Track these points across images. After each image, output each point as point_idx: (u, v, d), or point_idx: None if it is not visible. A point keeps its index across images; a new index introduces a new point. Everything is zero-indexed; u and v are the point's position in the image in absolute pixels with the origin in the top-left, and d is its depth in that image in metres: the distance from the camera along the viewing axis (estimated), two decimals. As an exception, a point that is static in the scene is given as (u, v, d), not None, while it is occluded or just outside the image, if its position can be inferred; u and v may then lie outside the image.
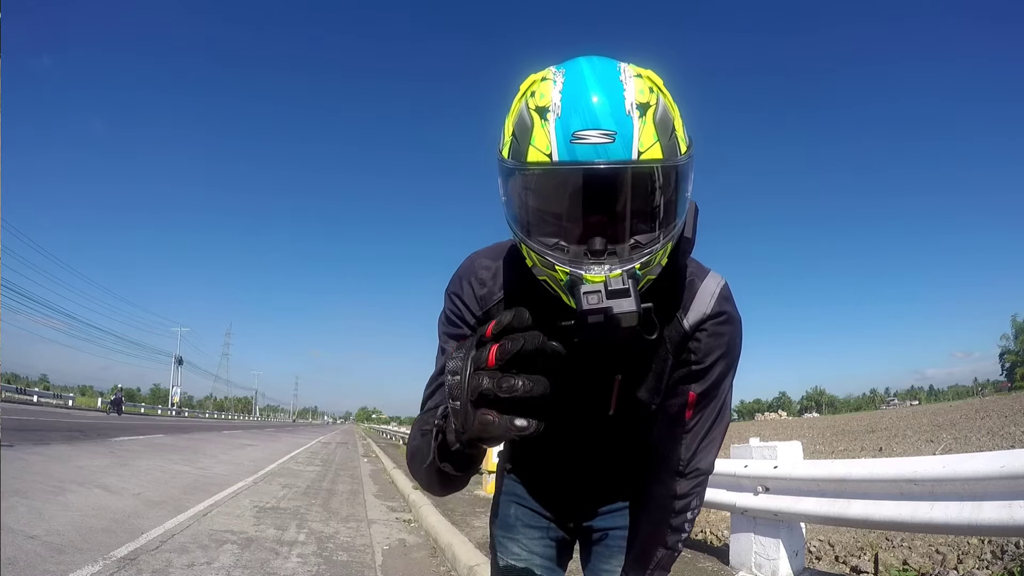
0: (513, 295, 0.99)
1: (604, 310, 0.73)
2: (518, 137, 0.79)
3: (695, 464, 1.01)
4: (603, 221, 0.78)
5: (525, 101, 0.80)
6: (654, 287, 0.88)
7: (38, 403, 29.73)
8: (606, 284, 0.74)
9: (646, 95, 0.77)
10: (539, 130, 0.77)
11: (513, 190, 0.82)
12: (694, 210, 0.88)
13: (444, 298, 1.06)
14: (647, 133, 0.75)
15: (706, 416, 1.00)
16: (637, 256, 0.78)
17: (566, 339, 0.83)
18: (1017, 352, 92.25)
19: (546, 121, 0.76)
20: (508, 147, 0.81)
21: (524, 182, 0.81)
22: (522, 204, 0.82)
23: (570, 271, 0.77)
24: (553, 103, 0.76)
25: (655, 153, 0.75)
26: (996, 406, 30.99)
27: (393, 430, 33.30)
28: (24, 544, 3.58)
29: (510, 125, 0.82)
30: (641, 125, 0.75)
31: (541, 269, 0.82)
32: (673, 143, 0.78)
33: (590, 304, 0.73)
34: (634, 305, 0.73)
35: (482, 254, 1.05)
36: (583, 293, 0.74)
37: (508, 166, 0.81)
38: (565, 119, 0.75)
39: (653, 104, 0.77)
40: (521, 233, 0.83)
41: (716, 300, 0.97)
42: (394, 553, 4.42)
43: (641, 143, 0.75)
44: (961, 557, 3.89)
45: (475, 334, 0.69)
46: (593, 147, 0.74)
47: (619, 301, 0.73)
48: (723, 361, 0.98)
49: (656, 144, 0.76)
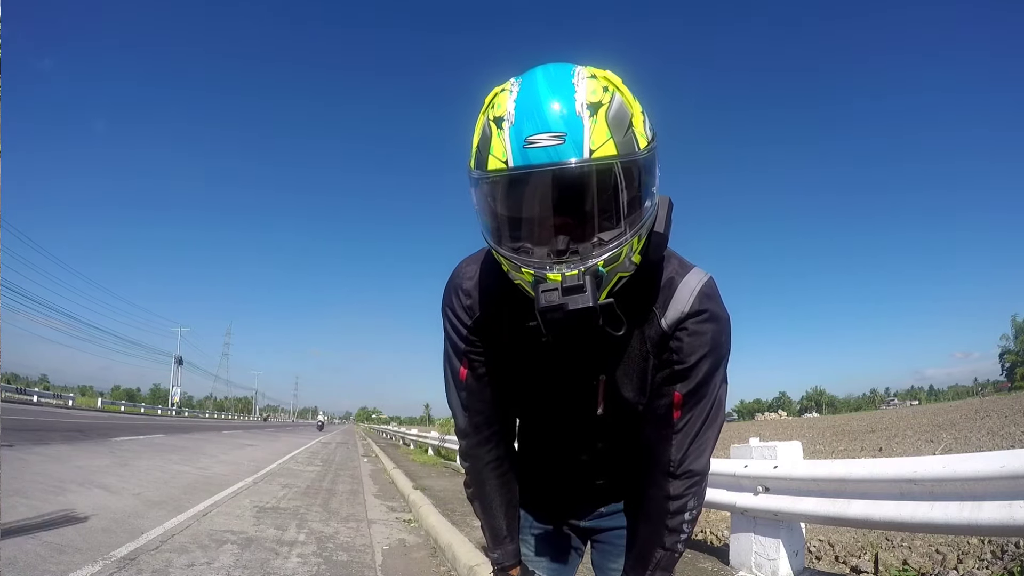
0: (494, 303, 1.02)
1: (560, 306, 0.78)
2: (480, 148, 0.83)
3: (687, 465, 1.00)
4: (565, 222, 0.82)
5: (487, 113, 0.84)
6: (629, 284, 0.90)
7: (38, 403, 29.70)
8: (563, 281, 0.79)
9: (599, 94, 0.80)
10: (496, 139, 0.81)
11: (479, 199, 0.87)
12: (667, 205, 0.89)
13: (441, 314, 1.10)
14: (599, 131, 0.78)
15: (696, 416, 0.99)
16: (600, 253, 0.81)
17: (537, 339, 0.89)
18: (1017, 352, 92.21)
19: (502, 130, 0.80)
20: (473, 159, 0.85)
21: (487, 190, 0.85)
22: (488, 212, 0.86)
23: (534, 272, 0.81)
24: (508, 112, 0.80)
25: (608, 150, 0.78)
26: (996, 406, 30.98)
27: (393, 430, 33.30)
28: (24, 544, 3.58)
29: (475, 138, 0.86)
30: (592, 124, 0.78)
31: (514, 274, 0.86)
32: (630, 139, 0.81)
33: (547, 302, 0.79)
34: (590, 300, 0.78)
35: (465, 262, 1.08)
36: (540, 291, 0.80)
37: (473, 176, 0.85)
38: (518, 126, 0.79)
39: (606, 103, 0.80)
40: (492, 241, 0.87)
41: (696, 297, 0.96)
42: (394, 553, 4.42)
43: (592, 141, 0.78)
44: (961, 557, 3.88)
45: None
46: (544, 150, 0.77)
47: (574, 297, 0.78)
48: (708, 360, 0.96)
49: (609, 141, 0.79)
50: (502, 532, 1.15)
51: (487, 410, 1.09)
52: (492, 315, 1.02)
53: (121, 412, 39.21)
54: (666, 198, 0.89)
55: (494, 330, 1.03)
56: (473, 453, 1.12)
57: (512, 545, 1.16)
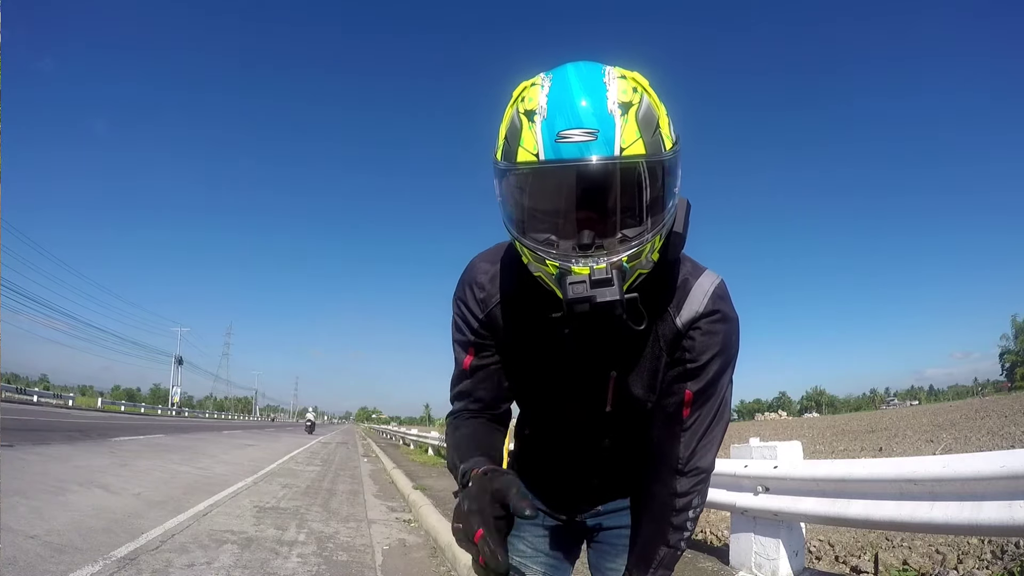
0: (510, 296, 1.03)
1: (588, 298, 0.79)
2: (509, 140, 0.84)
3: (695, 463, 1.01)
4: (591, 216, 0.83)
5: (516, 106, 0.85)
6: (646, 282, 0.91)
7: (38, 403, 29.71)
8: (591, 275, 0.80)
9: (629, 95, 0.82)
10: (527, 132, 0.82)
11: (506, 190, 0.88)
12: (686, 206, 0.91)
13: (451, 304, 1.11)
14: (629, 130, 0.80)
15: (704, 414, 1.01)
16: (624, 249, 0.82)
17: (559, 331, 0.91)
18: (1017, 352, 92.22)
19: (533, 123, 0.81)
20: (501, 150, 0.86)
21: (514, 182, 0.86)
22: (515, 203, 0.87)
23: (559, 264, 0.82)
24: (540, 106, 0.82)
25: (637, 149, 0.80)
26: (996, 406, 30.98)
27: (393, 430, 33.31)
28: (24, 544, 3.58)
29: (503, 130, 0.87)
30: (623, 123, 0.80)
31: (535, 265, 0.87)
32: (657, 139, 0.82)
33: (575, 293, 0.80)
34: (617, 293, 0.79)
35: (481, 258, 1.09)
36: (568, 284, 0.81)
37: (500, 167, 0.86)
38: (551, 120, 0.80)
39: (636, 103, 0.82)
40: (515, 232, 0.88)
41: (710, 298, 0.98)
42: (394, 553, 4.43)
43: (623, 139, 0.79)
44: (961, 557, 3.89)
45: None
46: (576, 145, 0.79)
47: (602, 290, 0.80)
48: (719, 359, 0.99)
49: (639, 140, 0.80)
50: (471, 452, 0.99)
51: (486, 398, 1.10)
52: (507, 309, 1.04)
53: (121, 412, 39.22)
54: (684, 200, 0.91)
55: (507, 324, 1.04)
56: (459, 415, 1.11)
57: (482, 459, 0.97)
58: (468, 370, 1.09)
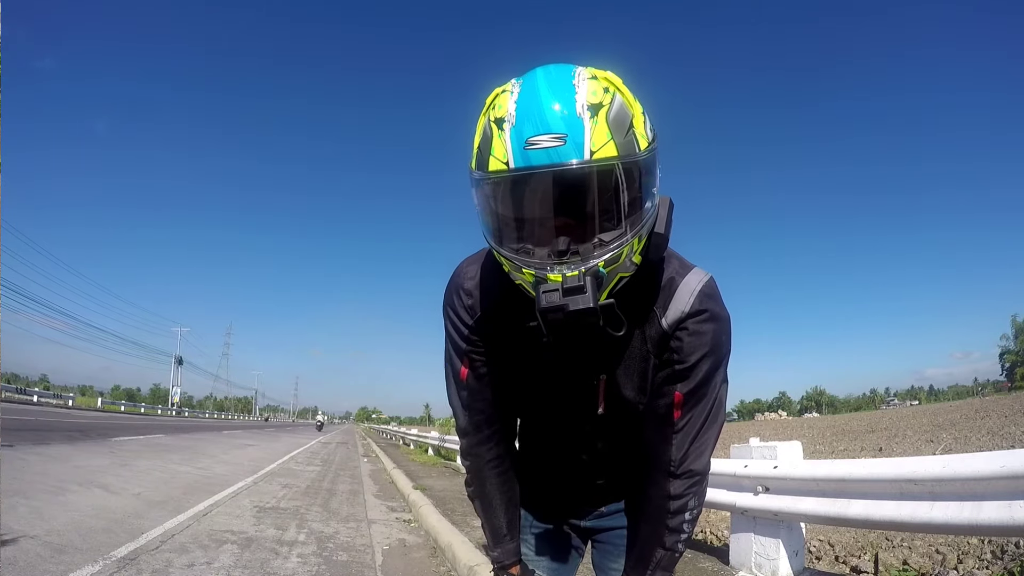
0: (495, 303, 1.02)
1: (561, 307, 0.79)
2: (481, 149, 0.84)
3: (687, 465, 1.00)
4: (565, 222, 0.82)
5: (488, 114, 0.84)
6: (630, 283, 0.90)
7: (38, 403, 29.71)
8: (563, 282, 0.80)
9: (599, 95, 0.81)
10: (497, 140, 0.81)
11: (480, 200, 0.87)
12: (668, 205, 0.90)
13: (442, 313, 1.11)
14: (599, 132, 0.79)
15: (696, 416, 0.99)
16: (600, 253, 0.82)
17: (538, 339, 0.91)
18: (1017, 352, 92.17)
19: (503, 131, 0.81)
20: (475, 159, 0.85)
21: (487, 191, 0.85)
22: (489, 212, 0.87)
23: (535, 273, 0.82)
24: (508, 112, 0.81)
25: (609, 151, 0.79)
26: (996, 406, 30.97)
27: (393, 430, 33.35)
28: (24, 544, 3.58)
29: (476, 139, 0.86)
30: (592, 125, 0.79)
31: (515, 274, 0.87)
32: (630, 140, 0.81)
33: (548, 303, 0.80)
34: (590, 301, 0.79)
35: (466, 263, 1.09)
36: (541, 292, 0.81)
37: (474, 177, 0.86)
38: (519, 127, 0.79)
39: (607, 104, 0.81)
40: (492, 241, 0.88)
41: (697, 297, 0.96)
42: (394, 553, 4.42)
43: (593, 142, 0.78)
44: (961, 557, 3.89)
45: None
46: (545, 151, 0.78)
47: (575, 298, 0.79)
48: (708, 360, 0.96)
49: (610, 142, 0.79)
50: (502, 530, 1.15)
51: (488, 409, 1.10)
52: (493, 315, 1.03)
53: (121, 412, 39.22)
54: (667, 199, 0.90)
55: (495, 330, 1.03)
56: (474, 452, 1.13)
57: (512, 543, 1.16)
58: (465, 381, 1.08)
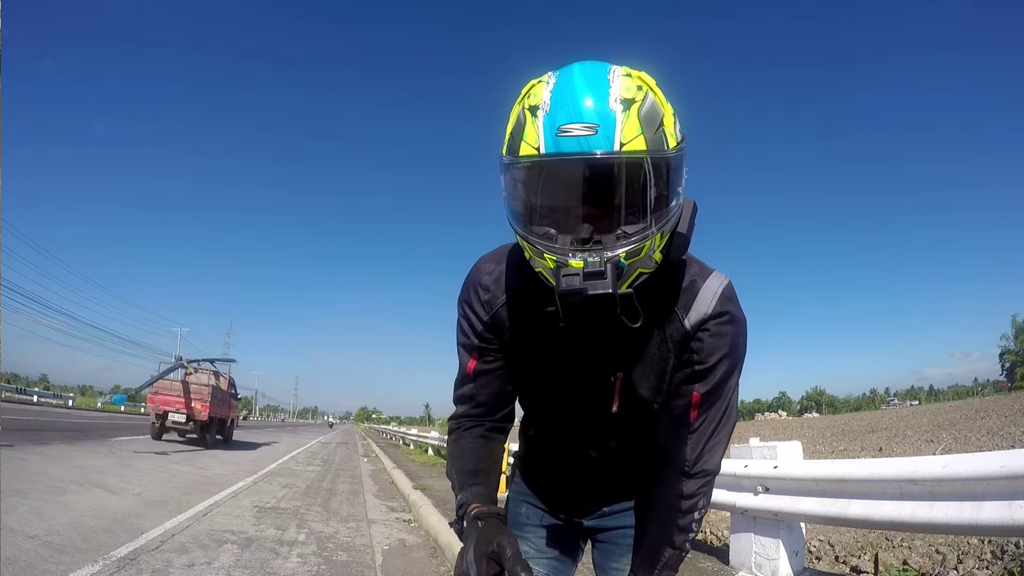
0: (515, 297, 1.03)
1: (580, 291, 0.80)
2: (514, 135, 0.86)
3: (701, 465, 1.01)
4: (590, 211, 0.84)
5: (523, 102, 0.87)
6: (650, 282, 0.91)
7: (38, 403, 29.78)
8: (584, 267, 0.81)
9: (632, 92, 0.82)
10: (530, 126, 0.83)
11: (509, 184, 0.89)
12: (692, 208, 0.91)
13: (456, 307, 1.11)
14: (630, 126, 0.80)
15: (711, 416, 1.00)
16: (622, 245, 0.82)
17: (555, 328, 0.91)
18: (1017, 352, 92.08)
19: (536, 118, 0.83)
20: (506, 145, 0.88)
21: (516, 176, 0.87)
22: (516, 197, 0.89)
23: (557, 258, 0.83)
24: (543, 101, 0.83)
25: (638, 145, 0.80)
26: (996, 406, 30.93)
27: (393, 430, 33.32)
28: (24, 544, 3.59)
29: (509, 125, 0.88)
30: (624, 119, 0.80)
31: (536, 260, 0.88)
32: (659, 136, 0.83)
33: (568, 286, 0.80)
34: (609, 287, 0.79)
35: (485, 259, 1.09)
36: (562, 276, 0.81)
37: (504, 161, 0.88)
38: (552, 115, 0.81)
39: (639, 100, 0.82)
40: (517, 225, 0.89)
41: (718, 300, 0.97)
42: (394, 553, 4.42)
43: (623, 135, 0.80)
44: (961, 557, 3.88)
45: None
46: (576, 139, 0.80)
47: (594, 283, 0.80)
48: (727, 361, 0.98)
49: (640, 136, 0.80)
50: (469, 478, 1.05)
51: (489, 403, 1.10)
52: (512, 309, 1.04)
53: (121, 412, 39.17)
54: (691, 201, 0.91)
55: (512, 324, 1.04)
56: (461, 424, 1.11)
57: (479, 487, 1.04)
58: (472, 374, 1.09)
